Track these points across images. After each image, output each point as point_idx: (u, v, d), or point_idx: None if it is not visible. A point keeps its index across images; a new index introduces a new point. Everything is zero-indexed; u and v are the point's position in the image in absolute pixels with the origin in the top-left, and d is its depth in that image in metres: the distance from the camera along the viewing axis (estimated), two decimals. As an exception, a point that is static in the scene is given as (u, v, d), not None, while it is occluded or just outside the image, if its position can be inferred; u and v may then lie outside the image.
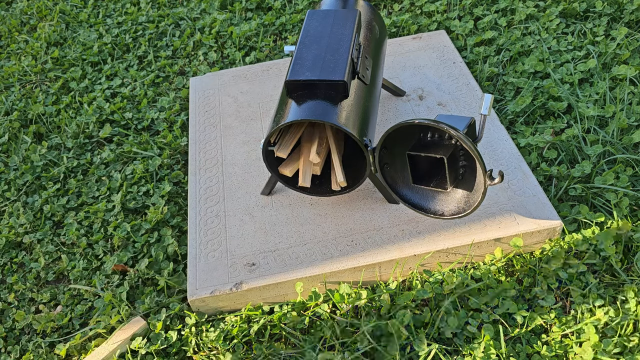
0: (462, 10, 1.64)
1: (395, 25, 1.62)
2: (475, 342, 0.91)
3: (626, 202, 1.06)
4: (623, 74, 1.31)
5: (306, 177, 1.01)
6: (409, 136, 0.92)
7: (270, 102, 1.37)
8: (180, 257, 1.15)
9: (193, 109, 1.40)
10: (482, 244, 1.01)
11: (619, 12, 1.51)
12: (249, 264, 1.03)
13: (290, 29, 1.72)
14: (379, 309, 0.98)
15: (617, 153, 1.15)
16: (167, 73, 1.64)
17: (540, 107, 1.30)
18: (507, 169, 1.11)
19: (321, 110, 0.93)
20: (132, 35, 1.82)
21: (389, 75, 1.36)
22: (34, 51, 1.84)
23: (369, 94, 1.03)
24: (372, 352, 0.94)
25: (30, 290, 1.16)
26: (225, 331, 0.99)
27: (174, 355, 0.99)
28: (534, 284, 1.00)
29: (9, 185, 1.41)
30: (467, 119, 0.88)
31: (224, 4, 1.88)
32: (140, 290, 1.11)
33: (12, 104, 1.64)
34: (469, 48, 1.50)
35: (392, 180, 0.98)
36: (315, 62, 0.97)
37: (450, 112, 1.25)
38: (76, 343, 1.04)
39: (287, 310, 1.01)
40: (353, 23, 1.04)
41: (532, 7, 1.57)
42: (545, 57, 1.41)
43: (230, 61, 1.64)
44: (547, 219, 1.01)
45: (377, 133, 1.20)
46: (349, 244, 1.03)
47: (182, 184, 1.30)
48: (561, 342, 0.91)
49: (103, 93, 1.60)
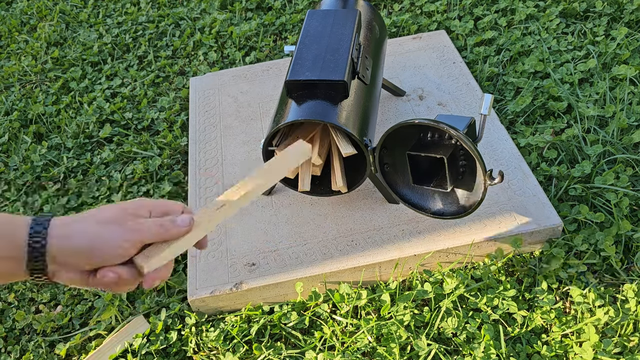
0: (462, 10, 1.64)
1: (395, 25, 1.62)
2: (475, 342, 0.91)
3: (626, 202, 1.06)
4: (623, 74, 1.31)
5: (305, 181, 1.01)
6: (409, 136, 0.92)
7: (270, 102, 1.37)
8: (180, 257, 1.15)
9: (193, 109, 1.40)
10: (482, 244, 1.01)
11: (619, 12, 1.51)
12: (249, 264, 1.03)
13: (290, 29, 1.72)
14: (379, 309, 0.98)
15: (617, 153, 1.15)
16: (167, 73, 1.64)
17: (540, 107, 1.30)
18: (507, 169, 1.11)
19: (321, 110, 0.93)
20: (132, 35, 1.82)
21: (389, 75, 1.36)
22: (34, 51, 1.84)
23: (369, 94, 1.03)
24: (372, 352, 0.94)
25: (30, 290, 1.16)
26: (225, 331, 0.99)
27: (174, 355, 0.99)
28: (534, 284, 1.00)
29: (9, 185, 1.41)
30: (467, 119, 0.88)
31: (224, 4, 1.88)
32: (140, 290, 1.11)
33: (12, 104, 1.64)
34: (469, 48, 1.50)
35: (392, 180, 0.98)
36: (315, 62, 0.97)
37: (450, 112, 1.25)
38: (76, 343, 1.04)
39: (287, 310, 1.01)
40: (353, 23, 1.04)
41: (532, 7, 1.57)
42: (545, 57, 1.41)
43: (230, 61, 1.64)
44: (547, 219, 1.01)
45: (377, 133, 1.20)
46: (349, 244, 1.03)
47: (182, 184, 1.30)
48: (561, 342, 0.91)
49: (103, 93, 1.60)
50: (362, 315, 0.99)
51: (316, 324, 0.99)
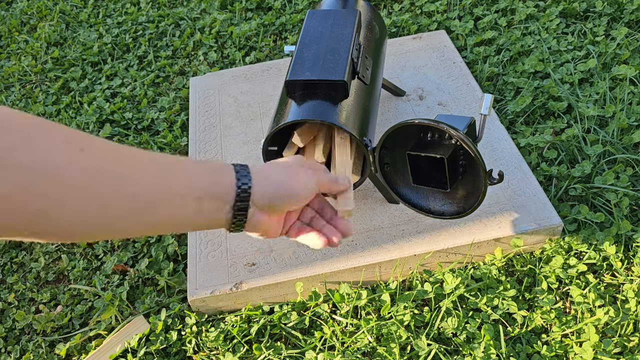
0: (462, 10, 1.64)
1: (395, 25, 1.62)
2: (475, 342, 0.91)
3: (626, 202, 1.06)
4: (623, 74, 1.31)
5: None
6: (409, 136, 0.92)
7: (270, 102, 1.37)
8: (180, 257, 1.15)
9: (193, 109, 1.40)
10: (482, 244, 1.01)
11: (619, 12, 1.51)
12: (249, 263, 1.03)
13: (290, 29, 1.72)
14: (379, 309, 0.98)
15: (617, 153, 1.15)
16: (167, 73, 1.64)
17: (540, 107, 1.30)
18: (507, 169, 1.11)
19: (321, 110, 0.93)
20: (132, 35, 1.82)
21: (389, 75, 1.36)
22: (34, 51, 1.84)
23: (369, 94, 1.03)
24: (372, 352, 0.94)
25: (30, 290, 1.16)
26: (225, 331, 0.99)
27: (174, 355, 0.99)
28: (534, 284, 1.00)
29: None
30: (467, 119, 0.88)
31: (224, 4, 1.88)
32: (140, 290, 1.11)
33: (12, 104, 1.64)
34: (469, 48, 1.50)
35: (392, 180, 0.98)
36: (315, 62, 0.97)
37: (450, 112, 1.25)
38: (76, 343, 1.04)
39: (287, 310, 1.01)
40: (353, 23, 1.04)
41: (532, 7, 1.57)
42: (545, 57, 1.41)
43: (230, 61, 1.64)
44: (547, 219, 1.01)
45: (377, 133, 1.20)
46: (349, 244, 1.03)
47: (182, 184, 1.30)
48: (561, 342, 0.91)
49: (103, 93, 1.60)
50: (362, 315, 0.99)
51: (316, 324, 0.99)
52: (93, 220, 0.44)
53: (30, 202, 0.40)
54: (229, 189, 0.53)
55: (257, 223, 0.57)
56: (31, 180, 0.40)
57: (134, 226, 0.47)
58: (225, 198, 0.53)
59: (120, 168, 0.46)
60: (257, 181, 0.55)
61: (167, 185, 0.49)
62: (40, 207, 0.41)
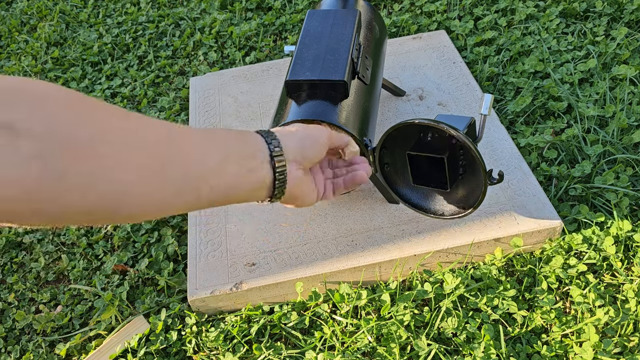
0: (462, 10, 1.64)
1: (395, 25, 1.62)
2: (475, 342, 0.91)
3: (626, 202, 1.06)
4: (623, 74, 1.31)
5: None
6: (409, 136, 0.92)
7: (270, 102, 1.37)
8: (180, 257, 1.15)
9: (193, 109, 1.40)
10: (482, 244, 1.01)
11: (619, 12, 1.51)
12: (249, 263, 1.03)
13: (290, 29, 1.72)
14: (379, 309, 0.98)
15: (617, 153, 1.15)
16: (167, 73, 1.64)
17: (540, 107, 1.30)
18: (507, 169, 1.11)
19: (321, 110, 0.93)
20: (132, 35, 1.82)
21: (389, 75, 1.36)
22: (34, 51, 1.84)
23: (369, 94, 1.03)
24: (372, 352, 0.94)
25: (30, 290, 1.16)
26: (225, 331, 0.99)
27: (174, 355, 0.99)
28: (534, 284, 1.00)
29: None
30: (467, 119, 0.88)
31: (224, 4, 1.88)
32: (140, 290, 1.11)
33: (12, 104, 1.64)
34: (469, 48, 1.50)
35: (392, 180, 0.98)
36: (315, 62, 0.97)
37: (450, 112, 1.25)
38: (76, 343, 1.04)
39: (287, 310, 1.01)
40: (353, 23, 1.04)
41: (532, 7, 1.57)
42: (545, 57, 1.41)
43: (230, 61, 1.64)
44: (547, 219, 1.01)
45: (377, 133, 1.20)
46: (349, 243, 1.03)
47: (182, 184, 1.30)
48: (561, 342, 0.91)
49: (103, 93, 1.60)
50: (362, 315, 0.99)
51: (316, 324, 0.99)
52: (157, 198, 0.45)
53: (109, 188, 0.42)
54: (260, 146, 0.55)
55: (295, 181, 0.59)
56: (109, 169, 0.41)
57: (187, 201, 0.49)
58: (259, 156, 0.55)
59: (177, 147, 0.47)
60: (283, 138, 0.58)
61: (213, 154, 0.50)
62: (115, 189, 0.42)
